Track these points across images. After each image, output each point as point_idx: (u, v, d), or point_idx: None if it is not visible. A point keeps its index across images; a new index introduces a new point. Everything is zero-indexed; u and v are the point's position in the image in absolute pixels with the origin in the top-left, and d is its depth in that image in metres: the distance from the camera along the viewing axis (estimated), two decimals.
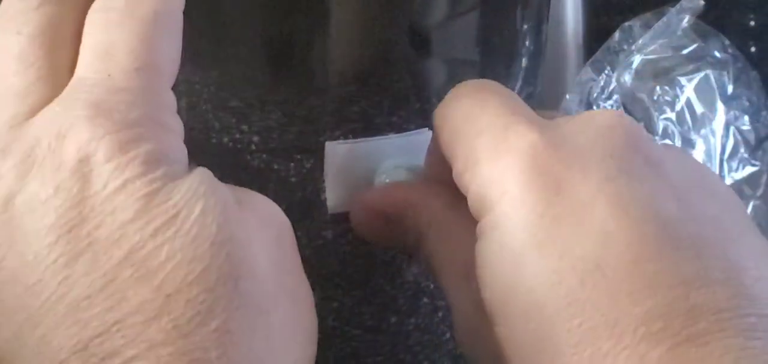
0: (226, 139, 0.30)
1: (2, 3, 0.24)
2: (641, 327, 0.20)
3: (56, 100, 0.22)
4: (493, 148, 0.24)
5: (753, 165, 0.53)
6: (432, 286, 0.34)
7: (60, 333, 0.20)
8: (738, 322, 0.20)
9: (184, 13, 0.24)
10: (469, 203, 0.25)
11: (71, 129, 0.21)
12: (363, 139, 0.31)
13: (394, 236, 0.29)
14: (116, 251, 0.20)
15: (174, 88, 0.24)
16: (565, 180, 0.23)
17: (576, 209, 0.22)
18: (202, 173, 0.22)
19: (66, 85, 0.23)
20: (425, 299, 0.34)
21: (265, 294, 0.21)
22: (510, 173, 0.23)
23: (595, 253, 0.22)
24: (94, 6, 0.24)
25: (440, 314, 0.35)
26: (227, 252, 0.21)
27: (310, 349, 0.24)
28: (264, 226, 0.23)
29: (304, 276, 0.25)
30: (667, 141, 0.52)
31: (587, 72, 0.54)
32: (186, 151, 0.23)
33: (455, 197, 0.27)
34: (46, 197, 0.21)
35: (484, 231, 0.24)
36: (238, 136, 0.30)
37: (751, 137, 0.54)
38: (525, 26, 0.35)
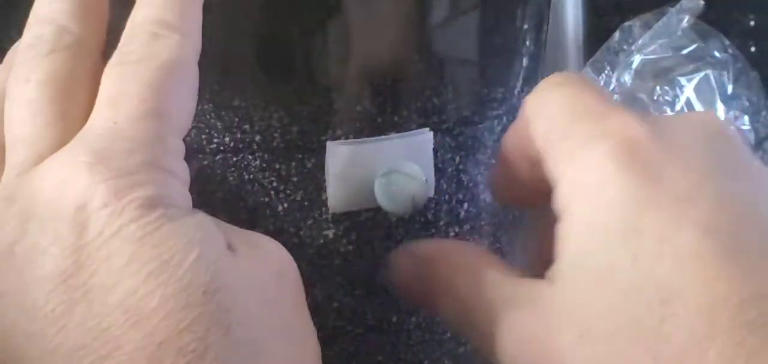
0: (227, 139, 0.30)
1: (16, 53, 0.24)
2: (739, 314, 0.21)
3: (63, 149, 0.22)
4: (593, 134, 0.24)
5: None
6: None
7: None
8: None
9: None
10: (562, 191, 0.24)
11: (71, 177, 0.21)
12: (364, 139, 0.31)
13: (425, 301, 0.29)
14: (111, 298, 0.20)
15: None
16: (666, 170, 0.23)
17: (677, 198, 0.22)
18: (200, 219, 0.22)
19: (77, 132, 0.23)
20: None
21: (257, 339, 0.21)
22: (610, 159, 0.23)
23: (695, 241, 0.22)
24: (110, 61, 0.24)
25: None
26: (219, 300, 0.21)
27: None
28: (261, 269, 0.23)
29: (307, 315, 0.25)
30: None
31: (587, 72, 0.54)
32: (190, 198, 0.23)
33: (473, 247, 0.27)
34: (45, 245, 0.21)
35: (579, 219, 0.24)
36: (239, 135, 0.30)
37: (751, 137, 0.54)
38: (525, 26, 0.35)
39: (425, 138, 0.32)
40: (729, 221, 0.22)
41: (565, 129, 0.25)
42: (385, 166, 0.31)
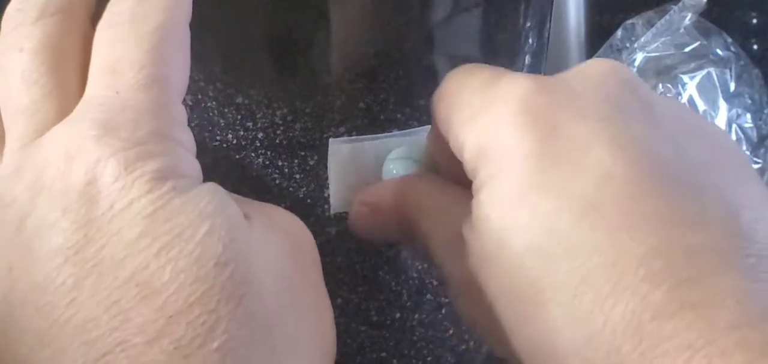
0: (230, 136, 0.30)
1: (2, 20, 0.24)
2: (641, 267, 0.20)
3: (65, 120, 0.22)
4: (486, 101, 0.24)
5: (755, 162, 0.53)
6: (435, 282, 0.34)
7: (68, 355, 0.20)
8: (738, 262, 0.20)
9: None
10: (466, 160, 0.25)
11: (79, 150, 0.21)
12: (366, 136, 0.31)
13: (390, 229, 0.29)
14: (121, 272, 0.20)
15: None
16: (559, 122, 0.22)
17: (572, 149, 0.22)
18: (212, 189, 0.22)
19: (75, 101, 0.23)
20: (429, 296, 0.34)
21: (270, 312, 0.21)
22: (504, 120, 0.23)
23: (592, 192, 0.21)
24: (101, 23, 0.23)
25: (444, 311, 0.35)
26: (231, 272, 0.20)
27: (326, 362, 0.24)
28: (276, 241, 0.23)
29: (322, 289, 0.24)
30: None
31: None
32: (198, 166, 0.23)
33: (440, 182, 0.27)
34: (55, 219, 0.21)
35: (483, 182, 0.24)
36: (242, 133, 0.30)
37: (753, 135, 0.54)
38: (528, 24, 0.35)
39: (426, 134, 0.32)
40: (628, 167, 0.21)
41: (462, 104, 0.25)
42: (391, 156, 0.31)
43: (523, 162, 0.22)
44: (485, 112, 0.24)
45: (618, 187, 0.21)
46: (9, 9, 0.24)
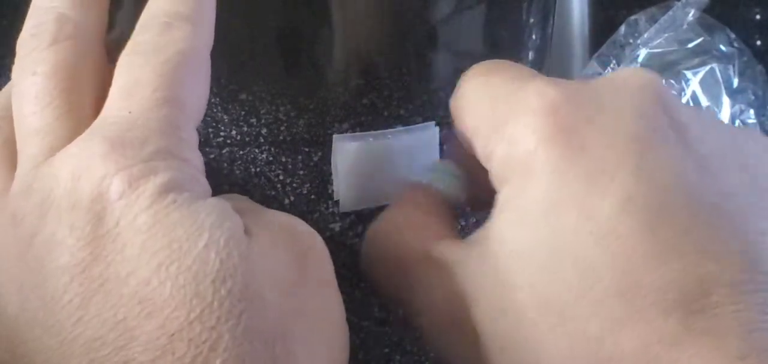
0: (234, 132, 0.30)
1: (17, 42, 0.24)
2: (655, 295, 0.20)
3: (76, 140, 0.22)
4: (513, 109, 0.24)
5: None
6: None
7: None
8: (750, 296, 0.20)
9: None
10: (494, 171, 0.24)
11: (86, 168, 0.21)
12: (370, 132, 0.31)
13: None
14: (125, 289, 0.20)
15: None
16: (588, 139, 0.22)
17: (597, 169, 0.22)
18: (212, 203, 0.22)
19: (88, 123, 0.23)
20: None
21: (271, 326, 0.21)
22: (532, 131, 0.23)
23: (613, 216, 0.21)
24: (124, 51, 0.24)
25: None
26: (229, 289, 0.20)
27: None
28: (279, 252, 0.23)
29: (333, 294, 0.24)
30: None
31: (593, 66, 0.54)
32: (207, 185, 0.23)
33: (407, 210, 0.27)
34: (62, 237, 0.21)
35: (510, 195, 0.23)
36: (246, 129, 0.30)
37: (757, 131, 0.54)
38: (531, 20, 0.35)
39: (431, 132, 0.32)
40: (650, 193, 0.21)
41: (487, 113, 0.24)
42: (430, 166, 0.30)
43: (549, 178, 0.22)
44: (513, 121, 0.23)
45: (637, 213, 0.21)
46: (24, 34, 0.24)
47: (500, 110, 0.24)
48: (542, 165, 0.22)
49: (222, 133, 0.30)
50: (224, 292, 0.20)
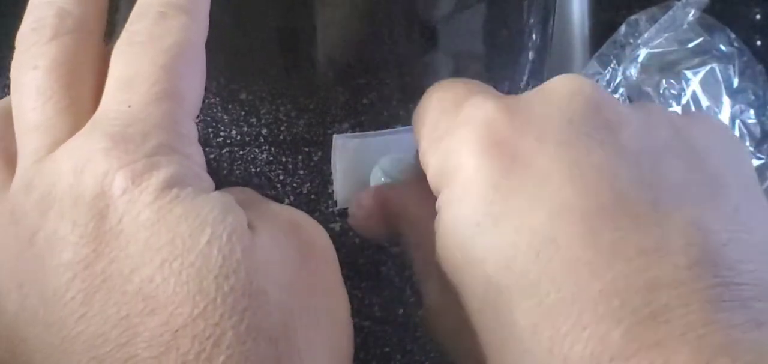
0: (234, 132, 0.30)
1: (17, 37, 0.24)
2: (600, 304, 0.19)
3: (77, 134, 0.22)
4: (451, 123, 0.24)
5: (758, 158, 0.53)
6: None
7: None
8: (701, 294, 0.19)
9: None
10: (429, 179, 0.24)
11: (88, 163, 0.21)
12: (370, 132, 0.31)
13: (384, 232, 0.29)
14: (129, 286, 0.20)
15: None
16: (520, 149, 0.22)
17: (531, 178, 0.21)
18: (215, 197, 0.22)
19: (88, 117, 0.23)
20: None
21: (275, 323, 0.21)
22: (465, 145, 0.23)
23: (550, 225, 0.21)
24: (119, 41, 0.24)
25: None
26: (232, 285, 0.20)
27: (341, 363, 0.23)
28: (283, 248, 0.23)
29: (338, 290, 0.24)
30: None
31: (593, 66, 0.54)
32: (210, 180, 0.23)
33: (426, 192, 0.27)
34: (65, 233, 0.21)
35: (442, 206, 0.23)
36: (246, 129, 0.30)
37: (757, 131, 0.54)
38: (531, 20, 0.35)
39: None
40: (585, 196, 0.21)
41: (430, 123, 0.25)
42: (381, 163, 0.30)
43: (481, 191, 0.22)
44: (449, 135, 0.23)
45: (575, 219, 0.20)
46: (23, 28, 0.24)
47: (441, 123, 0.24)
48: (474, 178, 0.22)
49: (222, 133, 0.30)
50: (227, 288, 0.20)
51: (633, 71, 0.53)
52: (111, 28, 0.25)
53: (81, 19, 0.24)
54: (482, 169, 0.22)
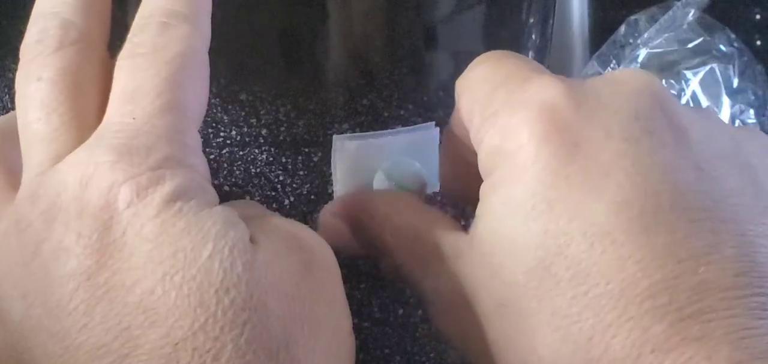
0: (234, 133, 0.30)
1: (21, 48, 0.24)
2: (647, 300, 0.20)
3: (82, 146, 0.22)
4: (510, 100, 0.23)
5: None
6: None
7: None
8: (745, 301, 0.20)
9: None
10: (481, 158, 0.24)
11: (94, 176, 0.21)
12: (370, 133, 0.31)
13: (360, 243, 0.29)
14: (130, 297, 0.20)
15: None
16: (584, 138, 0.22)
17: (592, 170, 0.21)
18: (217, 212, 0.22)
19: (93, 129, 0.23)
20: None
21: (275, 336, 0.21)
22: (527, 126, 0.22)
23: (607, 219, 0.21)
24: (122, 53, 0.24)
25: None
26: (232, 299, 0.20)
27: None
28: (284, 261, 0.23)
29: (340, 303, 0.24)
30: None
31: (593, 66, 0.54)
32: (214, 192, 0.23)
33: (408, 200, 0.27)
34: (69, 244, 0.21)
35: (494, 186, 0.23)
36: (246, 129, 0.30)
37: None
38: (531, 20, 0.35)
39: (431, 132, 0.32)
40: (645, 194, 0.21)
41: (485, 99, 0.24)
42: (384, 167, 0.30)
43: (540, 175, 0.22)
44: (509, 113, 0.23)
45: (633, 216, 0.21)
46: (27, 39, 0.24)
47: (498, 99, 0.24)
48: (533, 161, 0.22)
49: (222, 133, 0.30)
50: (228, 302, 0.20)
51: None
52: (118, 38, 0.25)
53: (85, 31, 0.24)
54: (542, 153, 0.22)
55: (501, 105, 0.23)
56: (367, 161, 0.31)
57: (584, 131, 0.22)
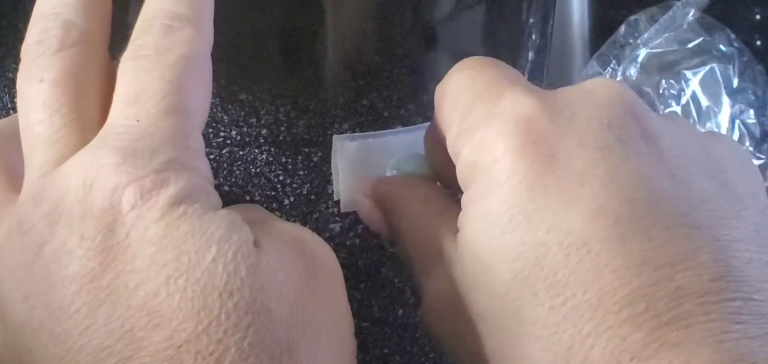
0: (234, 132, 0.30)
1: (22, 49, 0.24)
2: (625, 309, 0.20)
3: (85, 148, 0.22)
4: (487, 114, 0.23)
5: (758, 158, 0.53)
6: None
7: None
8: (722, 305, 0.20)
9: None
10: (459, 170, 0.24)
11: (97, 178, 0.21)
12: (371, 133, 0.31)
13: (388, 228, 0.29)
14: (133, 300, 0.20)
15: None
16: (559, 149, 0.22)
17: (568, 180, 0.22)
18: (222, 215, 0.22)
19: (95, 130, 0.23)
20: None
21: (277, 339, 0.21)
22: (502, 139, 0.22)
23: (583, 228, 0.21)
24: (125, 55, 0.24)
25: None
26: (236, 302, 0.20)
27: None
28: (287, 266, 0.23)
29: (342, 308, 0.24)
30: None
31: (593, 66, 0.54)
32: (217, 195, 0.23)
33: (427, 191, 0.27)
34: (72, 246, 0.21)
35: (472, 199, 0.23)
36: (246, 129, 0.30)
37: (756, 131, 0.54)
38: (531, 20, 0.35)
39: None
40: (620, 202, 0.21)
41: (463, 110, 0.24)
42: (393, 160, 0.30)
43: (516, 188, 0.22)
44: (484, 126, 0.23)
45: (608, 225, 0.21)
46: (28, 40, 0.24)
47: (475, 110, 0.24)
48: (510, 174, 0.22)
49: (222, 133, 0.30)
50: (231, 305, 0.20)
51: (633, 71, 0.53)
52: (119, 40, 0.25)
53: (86, 31, 0.24)
54: (518, 166, 0.22)
55: (478, 118, 0.24)
56: (367, 161, 0.31)
57: (559, 142, 0.22)
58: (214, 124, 0.30)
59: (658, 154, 0.22)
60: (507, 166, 0.22)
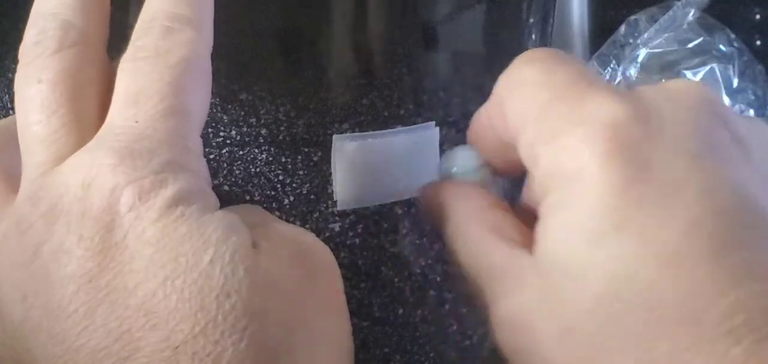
0: (234, 132, 0.30)
1: (20, 49, 0.24)
2: (724, 322, 0.19)
3: (84, 148, 0.22)
4: (569, 118, 0.22)
5: None
6: (439, 278, 0.34)
7: None
8: None
9: None
10: (538, 177, 0.23)
11: (96, 178, 0.21)
12: (370, 133, 0.31)
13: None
14: (131, 300, 0.20)
15: None
16: (651, 157, 0.21)
17: (661, 190, 0.21)
18: (220, 217, 0.22)
19: (93, 130, 0.23)
20: (432, 292, 0.34)
21: (275, 342, 0.21)
22: (588, 146, 0.21)
23: (679, 239, 0.20)
24: (125, 56, 0.24)
25: (447, 306, 0.35)
26: (233, 304, 0.20)
27: None
28: (285, 268, 0.22)
29: (340, 311, 0.24)
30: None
31: (593, 66, 0.54)
32: (215, 197, 0.23)
33: (486, 203, 0.26)
34: (70, 246, 0.21)
35: (553, 209, 0.22)
36: (245, 129, 0.30)
37: None
38: (531, 20, 0.35)
39: (431, 132, 0.32)
40: (715, 214, 0.20)
41: (541, 109, 0.23)
42: (455, 158, 0.28)
43: (605, 197, 0.21)
44: (567, 132, 0.22)
45: (706, 236, 0.20)
46: (26, 40, 0.24)
47: (555, 114, 0.22)
48: (597, 183, 0.21)
49: (222, 133, 0.30)
50: (228, 307, 0.20)
51: (633, 71, 0.53)
52: (120, 40, 0.25)
53: (84, 32, 0.24)
54: (607, 175, 0.21)
55: (559, 122, 0.22)
56: (366, 161, 0.31)
57: (651, 150, 0.21)
58: (213, 124, 0.30)
59: (749, 161, 0.22)
60: (593, 174, 0.21)
